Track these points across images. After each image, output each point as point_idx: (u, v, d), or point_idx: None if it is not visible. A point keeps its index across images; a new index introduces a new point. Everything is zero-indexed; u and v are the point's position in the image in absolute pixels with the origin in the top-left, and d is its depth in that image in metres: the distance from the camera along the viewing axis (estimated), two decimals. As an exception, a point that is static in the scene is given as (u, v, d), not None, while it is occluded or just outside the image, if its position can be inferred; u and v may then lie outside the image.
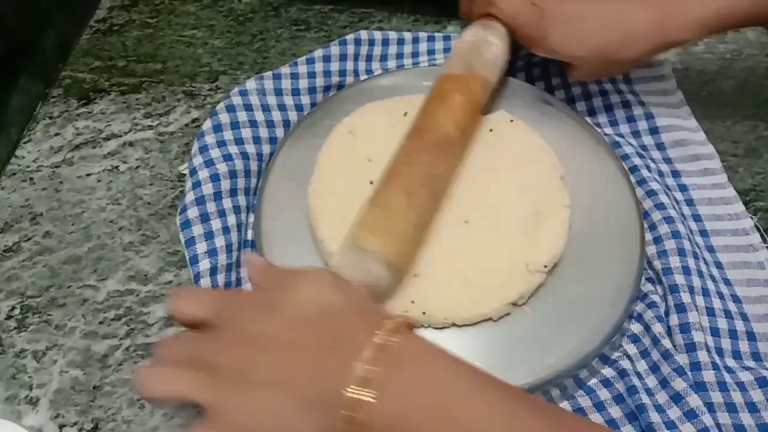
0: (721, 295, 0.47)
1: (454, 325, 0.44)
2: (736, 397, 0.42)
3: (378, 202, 0.45)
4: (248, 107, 0.55)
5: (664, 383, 0.43)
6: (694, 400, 0.42)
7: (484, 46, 0.52)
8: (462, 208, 0.48)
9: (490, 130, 0.52)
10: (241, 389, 0.33)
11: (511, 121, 0.53)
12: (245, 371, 0.34)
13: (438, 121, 0.48)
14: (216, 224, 0.48)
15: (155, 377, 0.35)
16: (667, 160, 0.54)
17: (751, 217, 0.51)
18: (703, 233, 0.51)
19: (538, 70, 0.59)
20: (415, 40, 0.61)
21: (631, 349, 0.46)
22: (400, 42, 0.61)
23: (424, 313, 0.44)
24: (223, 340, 0.35)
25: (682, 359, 0.44)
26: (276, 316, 0.35)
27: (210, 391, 0.34)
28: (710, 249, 0.50)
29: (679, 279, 0.46)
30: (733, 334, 0.45)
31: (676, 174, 0.53)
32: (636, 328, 0.46)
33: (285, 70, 0.57)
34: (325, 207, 0.48)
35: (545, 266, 0.46)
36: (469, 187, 0.49)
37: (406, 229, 0.44)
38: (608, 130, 0.56)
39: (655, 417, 0.42)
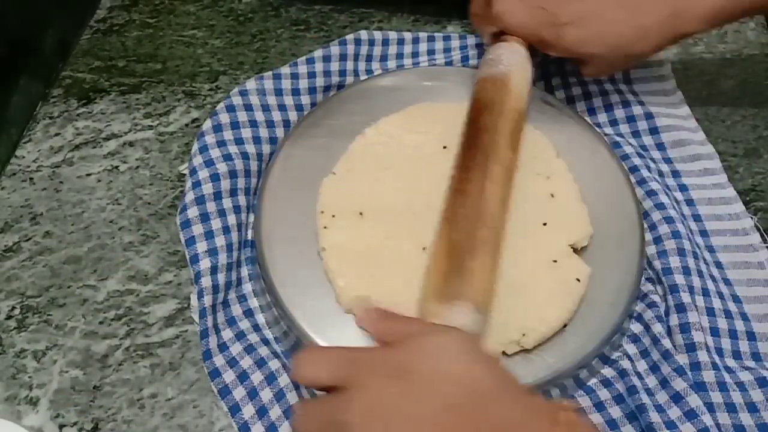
0: (721, 295, 0.47)
1: None
2: (736, 397, 0.42)
3: (445, 247, 0.43)
4: (248, 107, 0.55)
5: (664, 383, 0.43)
6: (694, 400, 0.42)
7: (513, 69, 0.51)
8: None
9: None
10: None
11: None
12: None
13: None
14: (216, 224, 0.48)
15: None
16: (667, 160, 0.54)
17: (751, 217, 0.51)
18: (703, 233, 0.50)
19: (538, 70, 0.59)
20: (415, 40, 0.61)
21: (631, 349, 0.46)
22: (400, 42, 0.61)
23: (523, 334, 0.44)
24: (358, 411, 0.31)
25: (682, 359, 0.44)
26: (418, 389, 0.31)
27: None
28: (710, 249, 0.50)
29: (679, 279, 0.46)
30: (733, 334, 0.45)
31: (676, 174, 0.53)
32: (636, 328, 0.46)
33: (285, 70, 0.57)
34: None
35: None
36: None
37: (482, 266, 0.42)
38: (608, 130, 0.56)
39: (655, 417, 0.42)
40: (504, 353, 0.43)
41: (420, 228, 0.47)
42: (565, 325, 0.44)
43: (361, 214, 0.48)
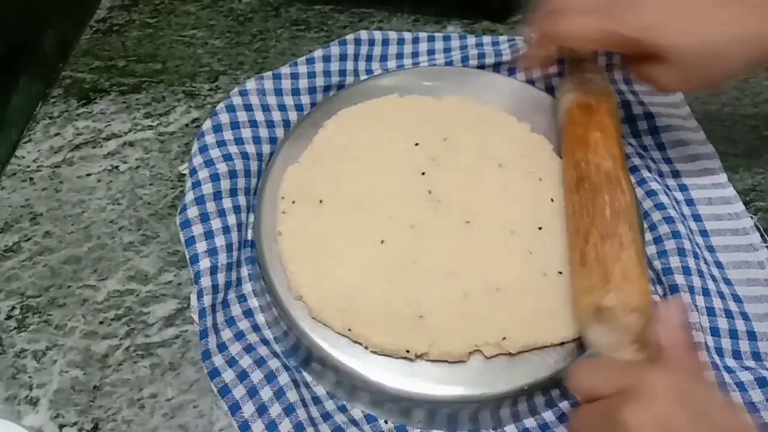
0: (721, 295, 0.47)
1: None
2: (736, 397, 0.42)
3: (586, 260, 0.42)
4: (248, 107, 0.55)
5: (664, 383, 0.43)
6: (694, 400, 0.42)
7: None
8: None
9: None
10: None
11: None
12: None
13: (590, 162, 0.46)
14: (216, 224, 0.48)
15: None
16: (667, 160, 0.54)
17: (751, 217, 0.51)
18: (703, 233, 0.51)
19: (538, 70, 0.59)
20: (415, 40, 0.61)
21: (631, 349, 0.46)
22: (400, 42, 0.61)
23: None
24: (641, 416, 0.32)
25: (683, 359, 0.44)
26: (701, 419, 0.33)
27: None
28: (710, 249, 0.50)
29: (679, 279, 0.46)
30: (733, 333, 0.45)
31: (676, 174, 0.53)
32: (636, 328, 0.46)
33: (285, 70, 0.57)
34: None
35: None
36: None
37: (635, 266, 0.41)
38: (608, 130, 0.56)
39: (655, 417, 0.41)
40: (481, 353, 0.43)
41: (381, 221, 0.47)
42: (563, 343, 0.44)
43: (321, 201, 0.48)
